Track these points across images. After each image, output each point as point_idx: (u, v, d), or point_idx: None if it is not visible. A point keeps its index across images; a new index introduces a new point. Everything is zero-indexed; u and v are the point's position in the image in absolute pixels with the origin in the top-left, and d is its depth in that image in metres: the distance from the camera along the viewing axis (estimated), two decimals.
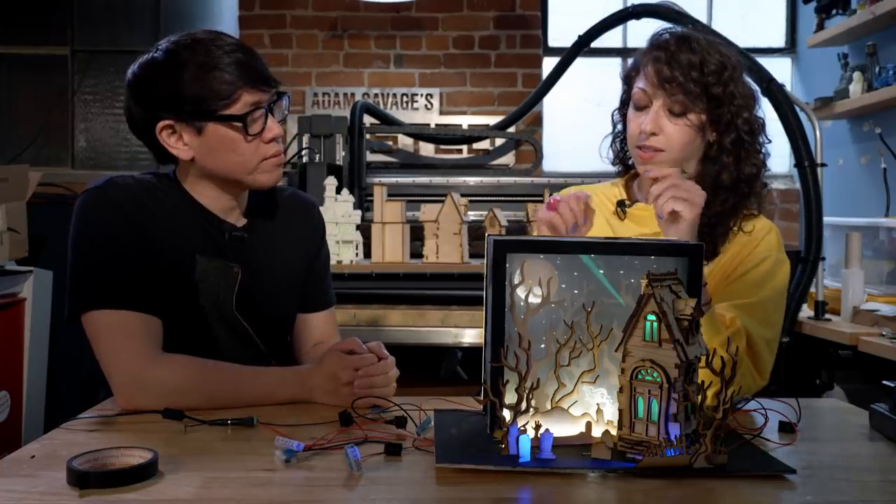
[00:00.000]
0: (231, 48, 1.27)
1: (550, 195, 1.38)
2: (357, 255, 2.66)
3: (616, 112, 1.58)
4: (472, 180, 3.45)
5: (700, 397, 0.95)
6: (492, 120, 3.86)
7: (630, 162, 1.56)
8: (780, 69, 4.02)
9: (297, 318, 1.51)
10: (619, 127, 1.57)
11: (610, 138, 1.60)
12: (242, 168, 1.31)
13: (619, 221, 1.52)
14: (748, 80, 1.47)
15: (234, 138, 1.28)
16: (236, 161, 1.30)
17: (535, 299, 1.03)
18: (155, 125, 1.29)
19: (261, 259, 1.40)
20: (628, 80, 1.51)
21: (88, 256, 1.27)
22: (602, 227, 1.51)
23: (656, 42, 1.44)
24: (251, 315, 1.37)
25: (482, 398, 1.03)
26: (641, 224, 1.49)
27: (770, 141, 1.48)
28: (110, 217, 1.27)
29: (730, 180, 1.42)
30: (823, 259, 2.55)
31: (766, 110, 2.58)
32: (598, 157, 1.64)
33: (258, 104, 1.28)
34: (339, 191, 2.71)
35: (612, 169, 1.64)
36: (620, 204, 1.52)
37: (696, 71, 1.38)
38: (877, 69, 3.11)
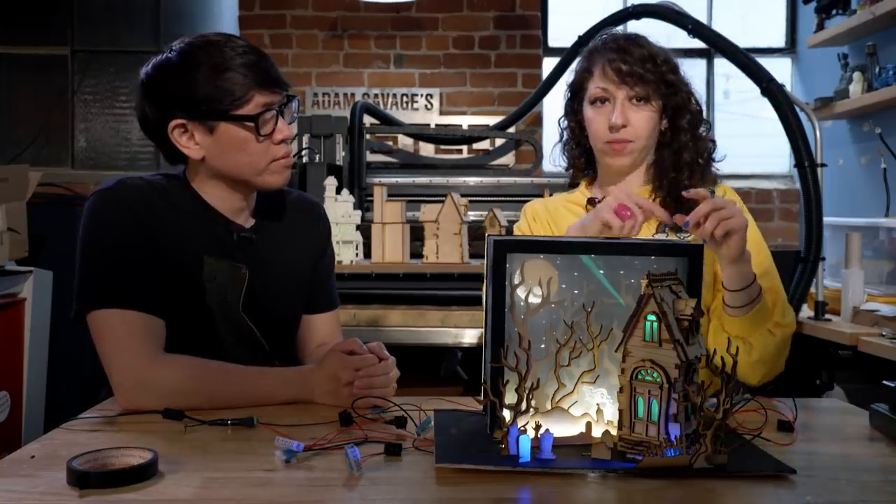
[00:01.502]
0: (243, 50, 1.29)
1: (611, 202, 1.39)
2: (357, 255, 2.66)
3: (563, 119, 1.67)
4: (472, 180, 3.45)
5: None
6: (492, 120, 3.86)
7: (586, 169, 1.66)
8: (780, 69, 4.03)
9: (302, 319, 1.51)
10: (568, 134, 1.66)
11: (560, 146, 1.69)
12: (252, 168, 1.32)
13: None
14: None
15: (246, 138, 1.29)
16: (246, 161, 1.31)
17: (535, 299, 1.03)
18: (167, 124, 1.30)
19: (268, 260, 1.40)
20: (578, 86, 1.59)
21: (96, 257, 1.28)
22: None
23: (605, 45, 1.54)
24: (257, 316, 1.38)
25: (482, 398, 1.03)
26: None
27: (709, 123, 1.60)
28: (120, 218, 1.28)
29: (690, 157, 1.54)
30: (823, 259, 2.55)
31: (767, 110, 2.59)
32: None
33: (269, 105, 1.30)
34: (339, 191, 2.71)
35: None
36: (591, 201, 1.59)
37: (649, 63, 1.49)
38: (877, 69, 3.11)
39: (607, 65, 1.51)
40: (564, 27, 4.09)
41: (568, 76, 1.64)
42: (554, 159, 1.71)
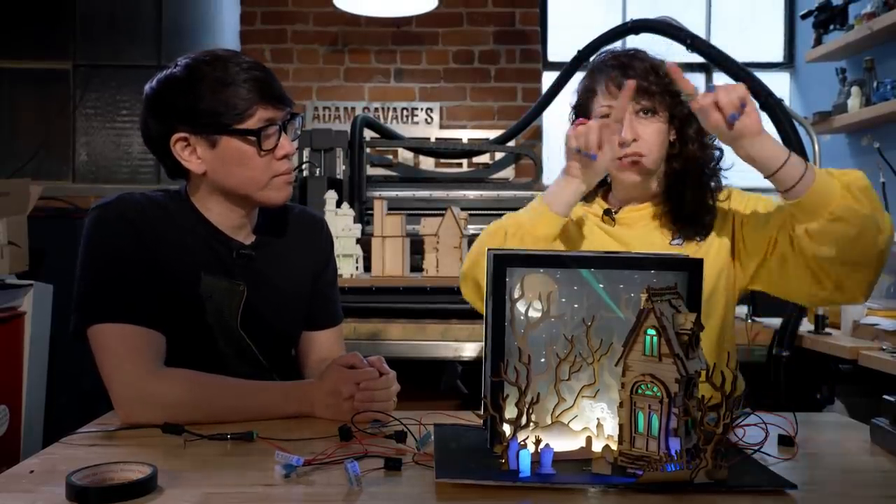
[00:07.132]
0: (248, 66, 1.30)
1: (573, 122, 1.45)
2: (357, 268, 2.66)
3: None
4: (472, 194, 3.46)
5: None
6: (492, 134, 3.88)
7: (600, 185, 1.62)
8: (779, 84, 4.05)
9: (304, 335, 1.51)
10: None
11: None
12: (253, 184, 1.32)
13: (611, 228, 1.59)
14: None
15: (248, 153, 1.29)
16: (248, 176, 1.31)
17: (535, 313, 1.03)
18: (170, 138, 1.30)
19: (267, 277, 1.40)
20: (583, 106, 1.58)
21: (95, 272, 1.28)
22: (599, 236, 1.58)
23: (606, 62, 1.54)
24: (256, 332, 1.37)
25: (482, 413, 1.03)
26: (632, 226, 1.58)
27: None
28: (119, 234, 1.28)
29: (697, 168, 1.52)
30: None
31: (765, 124, 2.59)
32: None
33: (272, 121, 1.30)
34: (339, 204, 2.72)
35: None
36: (607, 212, 1.59)
37: (652, 75, 1.49)
38: (874, 84, 3.12)
39: (610, 81, 1.50)
40: (564, 42, 4.12)
41: (570, 97, 1.62)
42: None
